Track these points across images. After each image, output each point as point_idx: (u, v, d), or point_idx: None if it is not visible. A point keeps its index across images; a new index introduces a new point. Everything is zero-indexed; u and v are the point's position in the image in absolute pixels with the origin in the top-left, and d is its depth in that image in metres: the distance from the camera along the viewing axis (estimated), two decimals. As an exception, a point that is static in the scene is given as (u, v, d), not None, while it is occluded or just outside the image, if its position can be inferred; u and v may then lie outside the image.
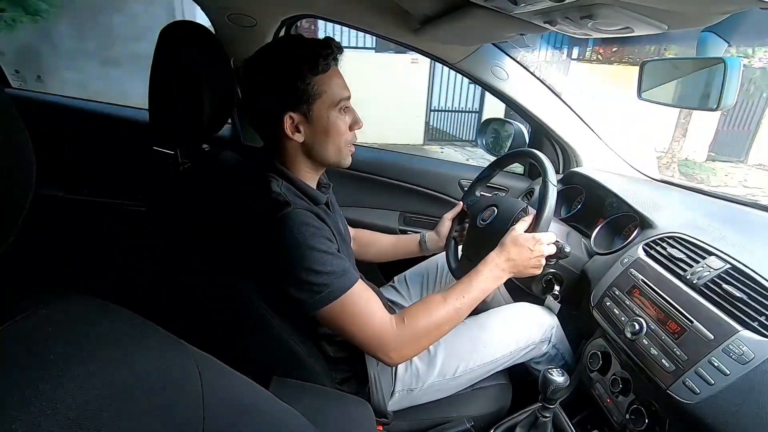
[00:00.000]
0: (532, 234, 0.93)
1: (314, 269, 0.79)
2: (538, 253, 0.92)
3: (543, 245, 0.92)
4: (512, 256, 0.92)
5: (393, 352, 0.84)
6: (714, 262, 0.84)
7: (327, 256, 0.81)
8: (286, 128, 0.84)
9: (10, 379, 0.29)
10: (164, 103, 0.87)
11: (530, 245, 0.92)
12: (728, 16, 0.61)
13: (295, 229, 0.80)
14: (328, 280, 0.80)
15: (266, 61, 0.83)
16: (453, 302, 0.88)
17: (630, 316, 0.89)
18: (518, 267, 0.93)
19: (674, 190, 1.27)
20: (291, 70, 0.81)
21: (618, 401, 0.93)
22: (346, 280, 0.82)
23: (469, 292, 0.90)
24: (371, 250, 1.30)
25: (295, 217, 0.81)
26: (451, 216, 1.24)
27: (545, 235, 0.94)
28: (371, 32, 1.30)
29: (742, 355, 0.69)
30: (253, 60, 0.84)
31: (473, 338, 1.05)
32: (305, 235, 0.80)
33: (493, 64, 1.32)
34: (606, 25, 0.70)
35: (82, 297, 0.38)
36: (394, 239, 1.32)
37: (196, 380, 0.42)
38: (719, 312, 0.75)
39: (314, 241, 0.80)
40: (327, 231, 0.85)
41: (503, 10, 0.75)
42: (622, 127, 2.39)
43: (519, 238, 0.93)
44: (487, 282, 0.92)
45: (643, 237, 1.01)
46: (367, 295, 0.85)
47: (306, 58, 0.81)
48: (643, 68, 1.00)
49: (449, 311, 0.88)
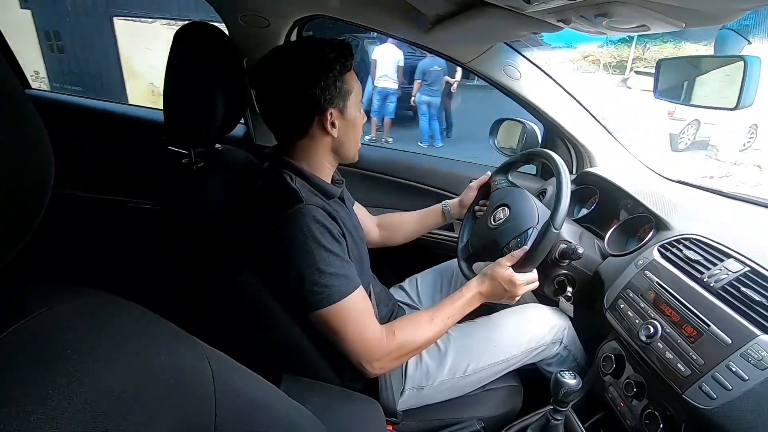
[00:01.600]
0: (510, 276, 0.93)
1: (319, 268, 0.80)
2: (512, 294, 0.95)
3: (519, 287, 0.94)
4: (488, 290, 0.96)
5: (376, 362, 0.85)
6: (732, 264, 0.82)
7: (333, 257, 0.81)
8: (327, 124, 0.87)
9: (27, 374, 0.30)
10: (178, 103, 0.88)
11: (506, 286, 0.94)
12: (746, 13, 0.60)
13: (305, 225, 0.80)
14: (330, 282, 0.80)
15: (303, 59, 0.84)
16: (438, 323, 0.92)
17: (644, 318, 0.87)
18: (492, 298, 0.97)
19: (690, 191, 1.25)
20: (331, 67, 0.83)
21: (632, 405, 0.91)
22: (348, 284, 0.82)
23: (453, 315, 0.94)
24: (398, 234, 1.31)
25: (306, 213, 0.81)
26: (477, 185, 1.24)
27: (526, 277, 0.95)
28: (383, 32, 1.30)
29: (761, 360, 0.67)
30: (285, 58, 0.85)
31: (484, 338, 1.05)
32: (314, 233, 0.80)
33: (505, 63, 1.31)
34: (621, 23, 0.69)
35: (96, 293, 0.38)
36: (417, 215, 1.32)
37: (208, 377, 0.42)
38: (737, 316, 0.73)
39: (323, 239, 0.81)
40: (336, 229, 0.85)
41: (516, 8, 0.74)
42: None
43: (498, 275, 0.94)
44: (468, 306, 0.96)
45: (658, 239, 0.99)
46: (365, 304, 0.86)
47: (339, 56, 0.84)
48: (659, 66, 0.98)
49: (434, 331, 0.91)
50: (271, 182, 0.88)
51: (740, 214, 1.04)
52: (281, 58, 0.85)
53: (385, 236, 1.31)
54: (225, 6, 1.28)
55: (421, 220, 1.31)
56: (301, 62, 0.83)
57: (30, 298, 0.34)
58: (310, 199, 0.84)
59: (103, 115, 1.74)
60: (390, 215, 1.35)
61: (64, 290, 0.37)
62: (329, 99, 0.85)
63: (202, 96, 0.85)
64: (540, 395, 1.13)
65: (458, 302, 0.94)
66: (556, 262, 1.05)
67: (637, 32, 0.74)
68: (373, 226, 1.31)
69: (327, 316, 0.81)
